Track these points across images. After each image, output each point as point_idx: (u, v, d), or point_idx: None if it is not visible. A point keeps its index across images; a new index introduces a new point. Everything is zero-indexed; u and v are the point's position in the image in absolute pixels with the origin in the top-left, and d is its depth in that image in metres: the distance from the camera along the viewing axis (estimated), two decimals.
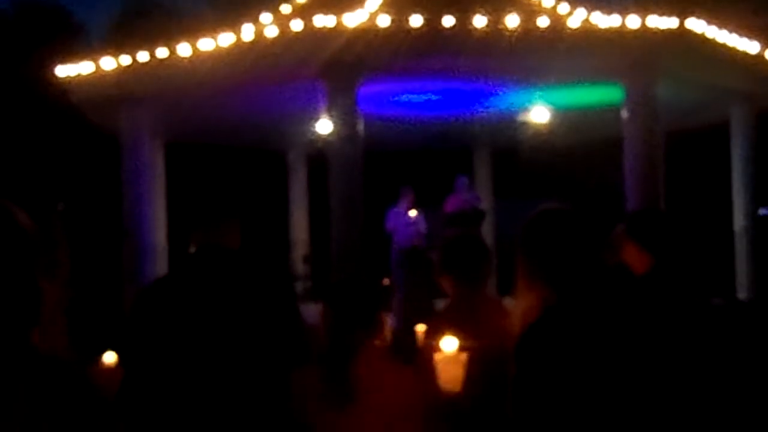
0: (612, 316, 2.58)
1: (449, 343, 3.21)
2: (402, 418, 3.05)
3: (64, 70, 11.31)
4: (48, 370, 1.86)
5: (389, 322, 3.29)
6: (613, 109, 10.71)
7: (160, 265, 11.51)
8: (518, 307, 2.74)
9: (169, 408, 3.23)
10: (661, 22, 9.78)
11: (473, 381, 3.41)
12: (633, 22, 9.72)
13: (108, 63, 10.89)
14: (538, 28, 9.48)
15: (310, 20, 9.36)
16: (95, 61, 11.01)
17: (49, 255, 2.23)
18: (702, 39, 10.28)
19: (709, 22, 10.34)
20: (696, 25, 10.13)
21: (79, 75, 11.20)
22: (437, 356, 3.20)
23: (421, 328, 3.59)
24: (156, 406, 3.17)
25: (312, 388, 3.17)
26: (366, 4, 9.69)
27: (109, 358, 3.27)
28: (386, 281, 11.92)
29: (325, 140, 10.50)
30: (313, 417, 3.13)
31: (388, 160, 15.82)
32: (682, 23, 9.86)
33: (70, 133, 18.72)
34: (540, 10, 10.40)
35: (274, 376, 3.26)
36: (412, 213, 13.49)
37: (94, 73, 11.07)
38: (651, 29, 9.78)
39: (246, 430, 3.22)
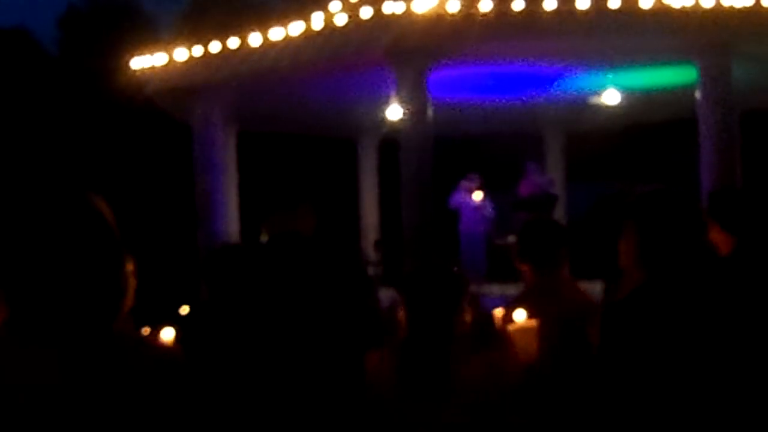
0: (702, 295, 2.60)
1: (519, 314, 3.24)
2: (485, 405, 3.06)
3: (138, 63, 11.52)
4: (141, 356, 1.90)
5: (470, 308, 3.30)
6: (687, 89, 10.52)
7: None
8: (626, 284, 2.77)
9: (242, 392, 3.28)
10: (736, 0, 9.56)
11: (552, 352, 3.42)
12: (707, 0, 9.52)
13: (180, 54, 11.06)
14: (610, 9, 9.34)
15: (379, 7, 9.37)
16: (168, 52, 11.20)
17: None
18: None
19: None
20: None
21: (152, 67, 11.40)
22: (510, 327, 3.22)
23: (499, 312, 3.60)
24: (221, 393, 3.22)
25: (387, 373, 3.19)
26: None
27: (167, 334, 3.29)
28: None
29: (396, 126, 10.52)
30: (390, 405, 3.14)
31: (459, 146, 15.77)
32: (758, 0, 9.63)
33: (143, 124, 19.06)
34: None
35: (348, 359, 3.29)
36: (478, 196, 13.36)
37: (167, 64, 11.26)
38: (726, 7, 9.56)
39: (321, 413, 3.26)
